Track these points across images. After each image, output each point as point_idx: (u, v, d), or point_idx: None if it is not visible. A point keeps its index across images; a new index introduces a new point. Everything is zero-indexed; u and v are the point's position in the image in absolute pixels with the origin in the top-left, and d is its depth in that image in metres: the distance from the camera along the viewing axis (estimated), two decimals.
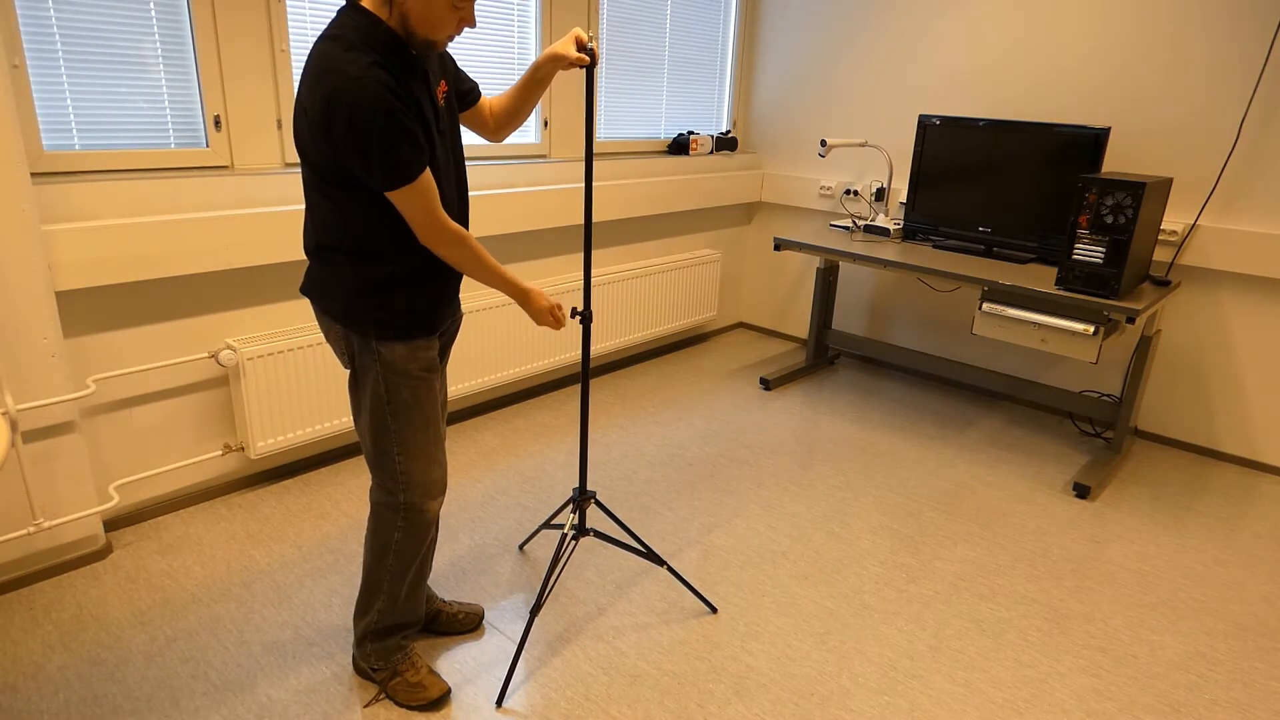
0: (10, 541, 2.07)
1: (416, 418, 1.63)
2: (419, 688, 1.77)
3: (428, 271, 1.58)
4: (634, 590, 2.19)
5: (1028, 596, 2.25)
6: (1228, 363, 3.09)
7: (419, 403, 1.62)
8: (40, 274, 1.97)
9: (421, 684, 1.77)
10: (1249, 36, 2.80)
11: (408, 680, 1.77)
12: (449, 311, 1.69)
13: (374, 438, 1.63)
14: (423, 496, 1.68)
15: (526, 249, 3.28)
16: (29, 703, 1.72)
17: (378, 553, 1.72)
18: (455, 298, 1.71)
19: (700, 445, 3.08)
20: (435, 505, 1.71)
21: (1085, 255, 2.62)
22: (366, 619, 1.77)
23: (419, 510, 1.69)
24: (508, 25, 3.02)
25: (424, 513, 1.70)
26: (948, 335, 3.81)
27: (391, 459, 1.64)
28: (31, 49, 1.98)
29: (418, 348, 1.60)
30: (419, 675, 1.78)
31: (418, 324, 1.59)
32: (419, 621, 1.84)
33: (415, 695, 1.76)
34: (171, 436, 2.42)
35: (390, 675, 1.78)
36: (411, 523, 1.70)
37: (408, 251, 1.54)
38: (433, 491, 1.69)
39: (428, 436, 1.65)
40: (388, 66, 1.40)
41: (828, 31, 3.85)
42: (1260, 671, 1.99)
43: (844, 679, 1.90)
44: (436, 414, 1.67)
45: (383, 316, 1.55)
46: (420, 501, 1.68)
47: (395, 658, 1.79)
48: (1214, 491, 2.91)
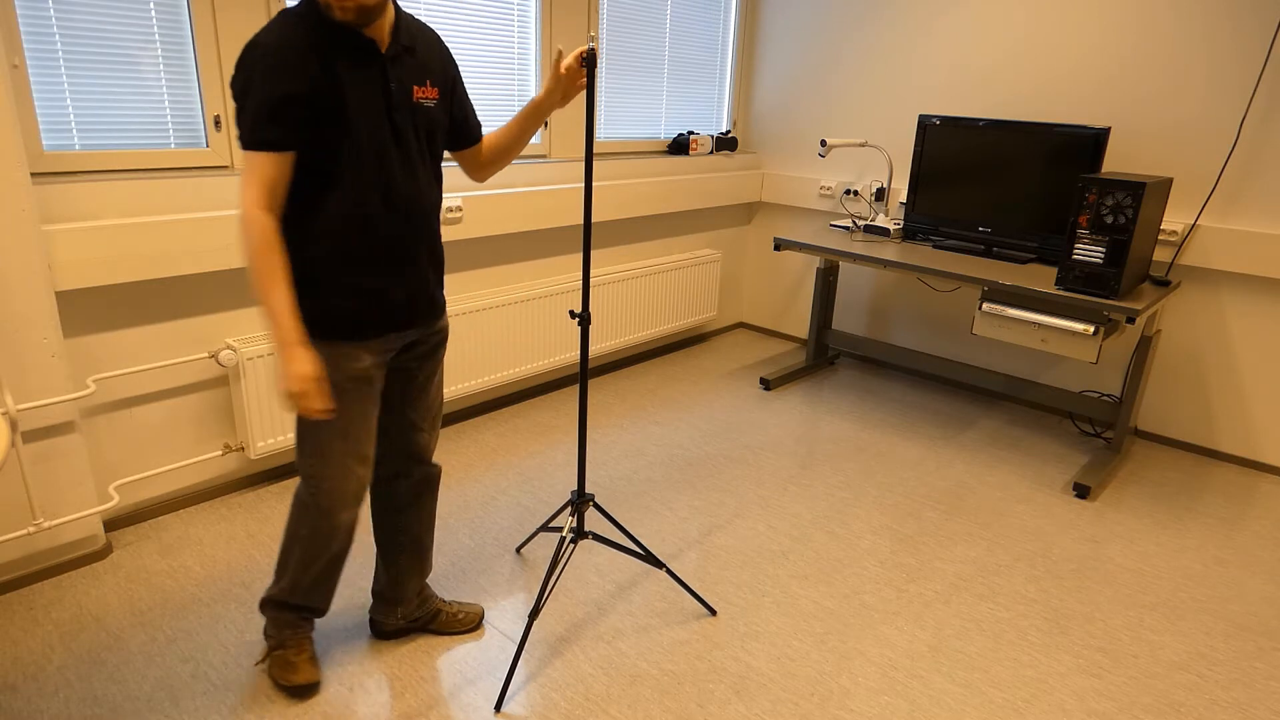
0: (10, 541, 2.07)
1: (335, 426, 1.58)
2: (290, 668, 1.77)
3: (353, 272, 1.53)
4: (634, 591, 2.19)
5: (1028, 596, 2.25)
6: (1228, 363, 3.09)
7: (340, 412, 1.58)
8: (40, 274, 1.97)
9: (294, 665, 1.77)
10: (1249, 36, 2.80)
11: (286, 657, 1.78)
12: (392, 322, 1.61)
13: (296, 432, 1.63)
14: (331, 505, 1.64)
15: (526, 249, 3.29)
16: (29, 703, 1.72)
17: (286, 539, 1.73)
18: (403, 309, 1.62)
19: (700, 445, 3.08)
20: (345, 516, 1.67)
21: (1085, 255, 2.62)
22: (274, 587, 1.78)
23: (326, 516, 1.66)
24: (508, 25, 3.02)
25: (331, 520, 1.66)
26: (948, 335, 3.81)
27: (307, 457, 1.62)
28: (31, 49, 1.98)
29: (341, 355, 1.55)
30: (299, 656, 1.78)
31: (341, 328, 1.54)
32: (322, 610, 1.83)
33: (284, 674, 1.77)
34: (171, 436, 2.42)
35: (277, 644, 1.79)
36: (318, 527, 1.67)
37: (329, 246, 1.50)
38: (343, 503, 1.65)
39: (345, 448, 1.61)
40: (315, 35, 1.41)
41: (828, 31, 3.85)
42: (1260, 671, 1.99)
43: (844, 679, 1.90)
44: (361, 426, 1.61)
45: (307, 313, 1.53)
46: (328, 508, 1.65)
47: (286, 632, 1.79)
48: (1214, 491, 2.91)
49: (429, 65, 1.60)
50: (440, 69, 1.63)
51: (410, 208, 1.58)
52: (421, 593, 1.98)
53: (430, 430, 1.84)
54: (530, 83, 3.16)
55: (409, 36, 1.56)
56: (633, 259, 3.80)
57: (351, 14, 1.41)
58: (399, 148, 1.54)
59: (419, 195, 1.60)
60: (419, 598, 1.97)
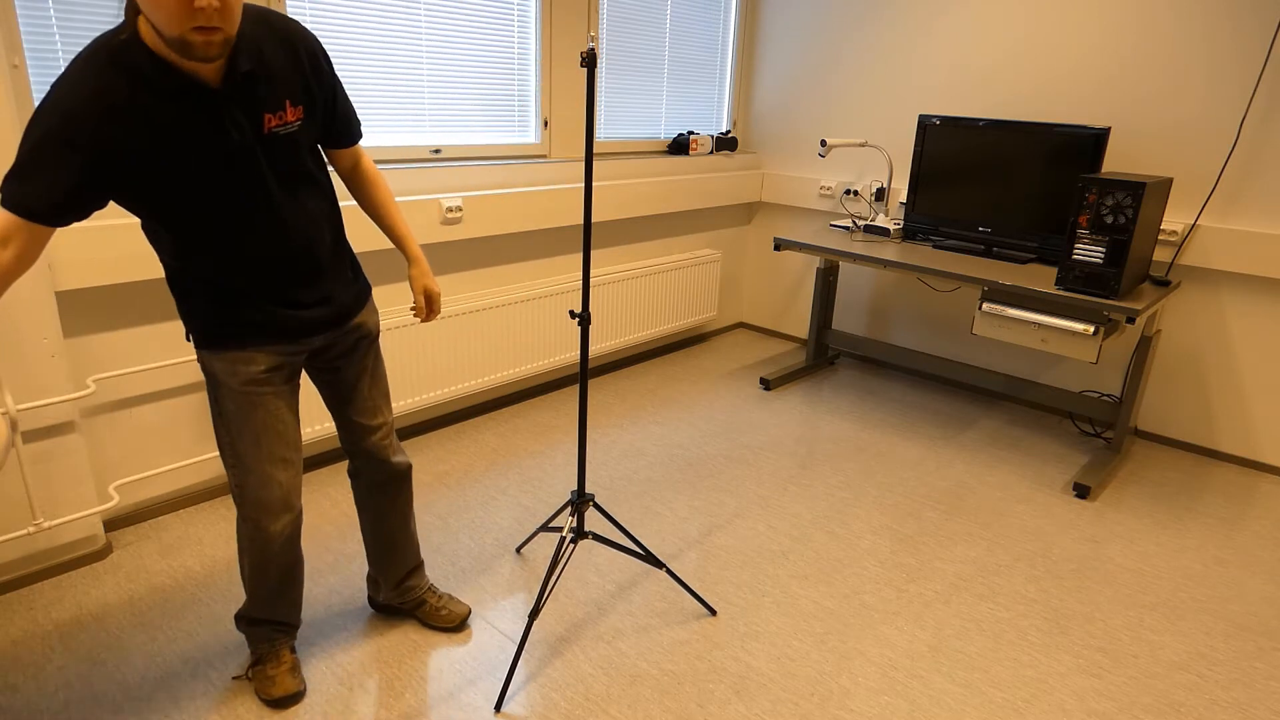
0: (10, 541, 2.07)
1: (246, 432, 1.55)
2: (268, 681, 1.76)
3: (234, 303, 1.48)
4: (634, 591, 2.19)
5: (1028, 596, 2.25)
6: (1228, 363, 3.09)
7: (247, 417, 1.55)
8: (40, 274, 1.97)
9: (272, 679, 1.76)
10: (1249, 36, 2.80)
11: (264, 671, 1.77)
12: (284, 336, 1.55)
13: (217, 444, 1.62)
14: (258, 515, 1.61)
15: (526, 249, 3.28)
16: (29, 703, 1.72)
17: (238, 551, 1.73)
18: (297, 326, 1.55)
19: (700, 445, 3.08)
20: (277, 526, 1.62)
21: (1085, 255, 2.62)
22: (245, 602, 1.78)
23: (256, 527, 1.62)
24: (508, 25, 3.02)
25: (262, 531, 1.62)
26: (948, 335, 3.81)
27: (230, 471, 1.60)
28: (31, 49, 1.98)
29: (232, 360, 1.51)
30: (277, 669, 1.77)
31: (224, 334, 1.50)
32: (291, 624, 1.82)
33: (263, 688, 1.76)
34: (171, 436, 2.42)
35: (256, 660, 1.79)
36: (253, 540, 1.64)
37: (187, 257, 1.44)
38: (269, 511, 1.61)
39: (260, 453, 1.57)
40: (128, 89, 1.24)
41: (828, 31, 3.85)
42: (1260, 671, 1.99)
43: (844, 679, 1.90)
44: (274, 430, 1.58)
45: (193, 323, 1.51)
46: (256, 519, 1.61)
47: (262, 647, 1.79)
48: (1214, 491, 2.91)
49: (283, 81, 1.39)
50: (300, 80, 1.42)
51: (289, 235, 1.48)
52: (404, 581, 1.99)
53: (378, 426, 1.78)
54: (530, 83, 3.16)
55: (250, 56, 1.32)
56: (633, 259, 3.80)
57: (216, 49, 1.21)
58: (254, 191, 1.40)
59: (296, 218, 1.48)
60: (400, 587, 1.99)
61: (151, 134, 1.28)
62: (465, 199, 2.90)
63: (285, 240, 1.48)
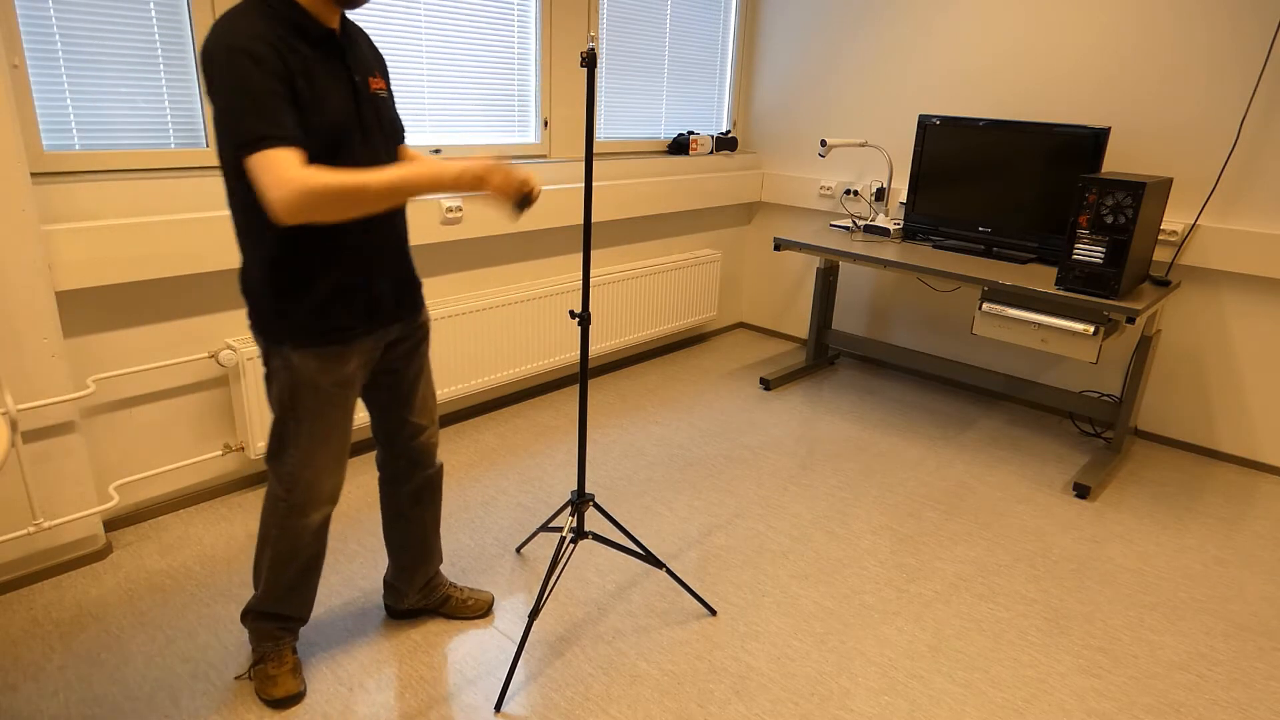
0: (10, 541, 2.07)
1: (319, 429, 1.59)
2: (269, 681, 1.75)
3: (333, 269, 1.50)
4: (634, 591, 2.19)
5: (1028, 596, 2.25)
6: (1228, 363, 3.09)
7: (325, 416, 1.58)
8: (40, 274, 1.97)
9: (274, 679, 1.75)
10: (1249, 36, 2.80)
11: (266, 670, 1.77)
12: (377, 318, 1.60)
13: (274, 433, 1.61)
14: (305, 502, 1.64)
15: (526, 249, 3.28)
16: (29, 703, 1.72)
17: (260, 541, 1.72)
18: (387, 303, 1.61)
19: (700, 445, 3.08)
20: (319, 516, 1.67)
21: (1085, 255, 2.62)
22: (252, 596, 1.77)
23: (300, 515, 1.65)
24: (508, 25, 3.02)
25: (305, 519, 1.66)
26: (948, 335, 3.81)
27: (285, 460, 1.61)
28: (31, 49, 1.98)
29: (329, 358, 1.54)
30: (279, 670, 1.77)
31: (325, 330, 1.52)
32: (301, 618, 1.81)
33: (264, 688, 1.76)
34: (171, 436, 2.42)
35: (259, 659, 1.78)
36: (290, 526, 1.66)
37: (298, 242, 1.46)
38: (318, 502, 1.65)
39: (328, 450, 1.62)
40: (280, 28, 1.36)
41: (828, 31, 3.85)
42: (1260, 671, 1.99)
43: (844, 679, 1.90)
44: (343, 429, 1.63)
45: (284, 323, 1.50)
46: (303, 507, 1.65)
47: (266, 645, 1.78)
48: (1214, 491, 2.91)
49: (371, 57, 1.58)
50: (379, 62, 1.61)
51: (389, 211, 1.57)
52: (430, 581, 2.00)
53: (431, 428, 1.84)
54: (530, 83, 3.16)
55: (348, 26, 1.53)
56: (632, 259, 3.79)
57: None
58: (366, 142, 1.51)
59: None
60: (427, 587, 2.00)
61: (304, 70, 1.39)
62: (465, 199, 2.90)
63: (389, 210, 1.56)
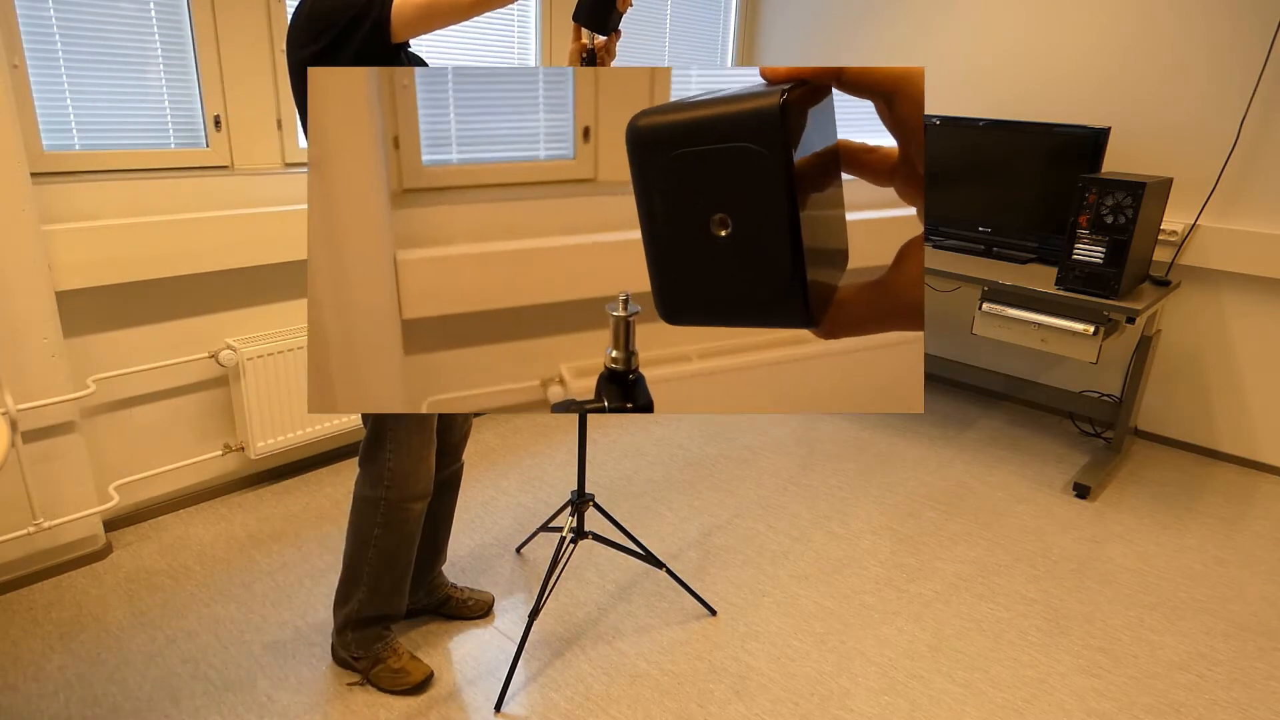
0: (10, 541, 2.07)
1: (414, 419, 1.66)
2: (402, 673, 1.79)
3: None
4: (634, 591, 2.19)
5: (1028, 596, 2.25)
6: (1228, 363, 3.09)
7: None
8: (40, 274, 1.97)
9: (404, 669, 1.79)
10: (1249, 36, 2.80)
11: (390, 666, 1.79)
12: None
13: (371, 432, 1.67)
14: (406, 494, 1.70)
15: None
16: (29, 703, 1.72)
17: (358, 545, 1.74)
18: None
19: (700, 445, 3.08)
20: (420, 506, 1.74)
21: (1085, 255, 2.62)
22: (347, 608, 1.78)
23: (401, 508, 1.71)
24: (508, 25, 3.02)
25: (406, 511, 1.72)
26: (947, 335, 3.81)
27: (382, 456, 1.67)
28: (31, 49, 1.98)
29: None
30: (401, 661, 1.80)
31: None
32: (401, 614, 1.85)
33: (398, 680, 1.78)
34: (171, 436, 2.42)
35: (373, 663, 1.80)
36: (392, 519, 1.71)
37: None
38: (418, 491, 1.71)
39: (423, 439, 1.69)
40: None
41: (828, 32, 3.85)
42: (1260, 671, 1.99)
43: (844, 679, 1.90)
44: (431, 418, 1.70)
45: None
46: (403, 499, 1.70)
47: (376, 646, 1.80)
48: (1214, 491, 2.91)
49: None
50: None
51: None
52: (431, 581, 2.01)
53: (468, 421, 1.91)
54: None
55: None
56: None
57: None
58: None
59: None
60: (430, 585, 2.02)
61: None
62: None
63: None
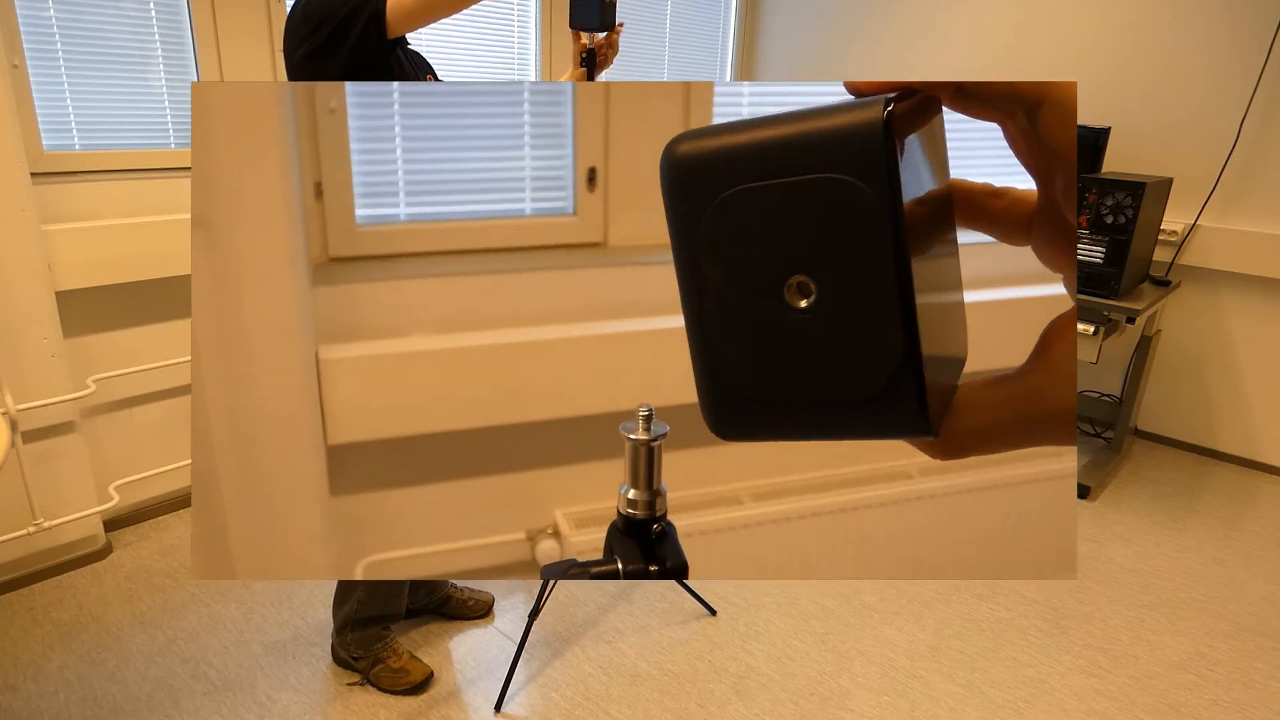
0: (10, 541, 2.07)
1: None
2: (402, 673, 1.79)
3: None
4: (634, 591, 2.19)
5: (1028, 596, 2.24)
6: (1228, 363, 3.09)
7: None
8: (40, 274, 1.97)
9: (404, 669, 1.79)
10: (1249, 36, 2.80)
11: (390, 666, 1.79)
12: None
13: None
14: None
15: None
16: (29, 703, 1.72)
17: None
18: None
19: None
20: None
21: (1085, 255, 2.62)
22: (346, 608, 1.78)
23: None
24: (508, 25, 3.02)
25: None
26: None
27: None
28: (31, 49, 1.98)
29: None
30: (401, 661, 1.80)
31: None
32: (400, 614, 1.85)
33: (399, 680, 1.78)
34: (171, 436, 2.42)
35: (373, 663, 1.80)
36: None
37: None
38: None
39: None
40: None
41: (828, 32, 3.85)
42: (1260, 671, 1.99)
43: (844, 679, 1.90)
44: None
45: None
46: None
47: (376, 646, 1.80)
48: (1214, 491, 2.91)
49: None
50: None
51: None
52: (431, 581, 2.01)
53: None
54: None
55: None
56: None
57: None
58: None
59: None
60: (427, 586, 2.01)
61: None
62: None
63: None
